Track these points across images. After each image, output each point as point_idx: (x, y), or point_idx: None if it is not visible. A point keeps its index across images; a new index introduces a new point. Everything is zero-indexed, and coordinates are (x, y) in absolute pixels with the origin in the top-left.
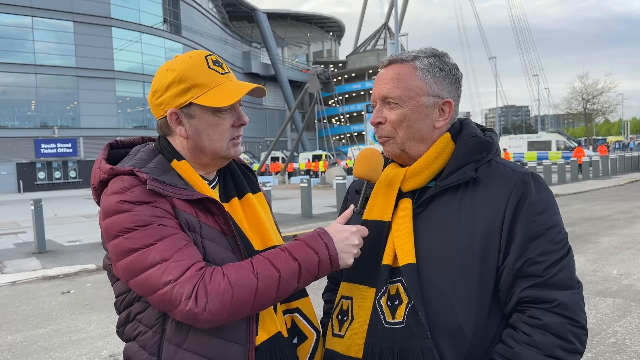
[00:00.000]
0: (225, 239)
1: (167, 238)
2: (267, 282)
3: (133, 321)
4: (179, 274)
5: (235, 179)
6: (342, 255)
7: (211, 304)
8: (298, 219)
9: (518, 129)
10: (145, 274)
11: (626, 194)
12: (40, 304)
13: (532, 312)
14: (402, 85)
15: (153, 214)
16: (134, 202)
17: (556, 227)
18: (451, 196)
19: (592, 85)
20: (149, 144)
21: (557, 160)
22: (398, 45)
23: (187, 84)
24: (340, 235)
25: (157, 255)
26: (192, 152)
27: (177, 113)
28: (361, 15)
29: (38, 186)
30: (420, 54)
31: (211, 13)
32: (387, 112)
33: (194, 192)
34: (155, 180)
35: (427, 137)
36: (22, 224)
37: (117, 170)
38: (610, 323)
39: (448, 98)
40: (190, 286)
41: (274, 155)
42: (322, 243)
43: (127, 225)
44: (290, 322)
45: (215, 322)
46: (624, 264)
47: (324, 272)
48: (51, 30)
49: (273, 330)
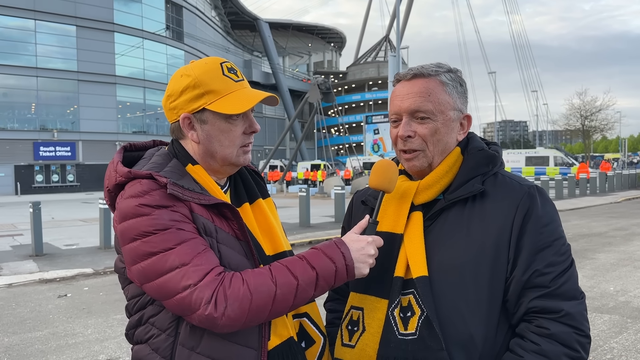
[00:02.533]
0: (239, 243)
1: (186, 242)
2: (285, 289)
3: (145, 324)
4: (199, 279)
5: (246, 184)
6: (358, 265)
7: (230, 309)
8: (296, 228)
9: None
10: (164, 277)
11: (623, 211)
12: (37, 307)
13: (540, 321)
14: (434, 99)
15: (172, 218)
16: (153, 205)
17: (561, 239)
18: (460, 209)
19: (591, 102)
20: (162, 148)
21: (555, 176)
22: (399, 58)
23: (202, 90)
24: (357, 245)
25: (177, 260)
26: (203, 157)
27: (189, 118)
28: (362, 27)
29: (35, 189)
30: (440, 69)
31: (213, 21)
32: (416, 125)
33: (210, 197)
34: (175, 185)
35: (448, 150)
36: (19, 227)
37: (135, 174)
38: (606, 339)
39: (467, 112)
40: (210, 291)
41: (273, 163)
42: (339, 252)
43: (145, 228)
44: (298, 326)
45: (233, 327)
46: (620, 281)
47: (340, 281)
48: (54, 34)
49: (285, 335)
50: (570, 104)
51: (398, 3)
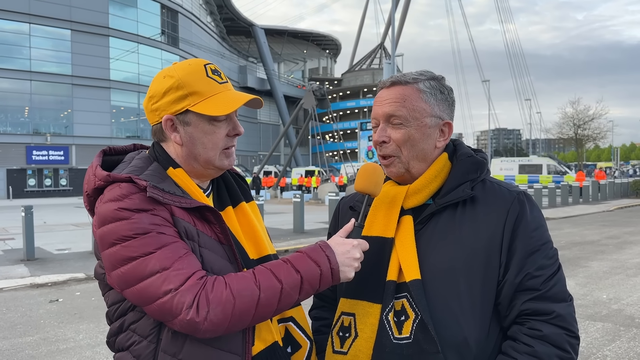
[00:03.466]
0: (221, 247)
1: (166, 246)
2: (269, 293)
3: (126, 331)
4: (180, 283)
5: (229, 188)
6: (343, 269)
7: (213, 314)
8: (290, 234)
9: (509, 152)
10: (144, 282)
11: (615, 219)
12: (28, 311)
13: (532, 323)
14: (408, 105)
15: (152, 222)
16: (132, 209)
17: (549, 243)
18: (450, 213)
19: (584, 111)
20: (142, 152)
21: (548, 184)
22: (394, 65)
23: (185, 91)
24: (342, 249)
25: (157, 264)
26: (186, 160)
27: (172, 120)
28: (357, 35)
29: (28, 193)
30: (421, 76)
31: (209, 27)
32: (391, 131)
33: (192, 200)
34: (155, 188)
35: (428, 156)
36: (10, 231)
37: (114, 177)
38: (599, 347)
39: (448, 119)
40: (192, 295)
41: (267, 169)
42: (324, 256)
43: (125, 233)
44: (284, 331)
45: (215, 332)
46: (613, 289)
47: (325, 285)
48: (48, 38)
49: (270, 340)
50: (564, 113)
51: (393, 11)
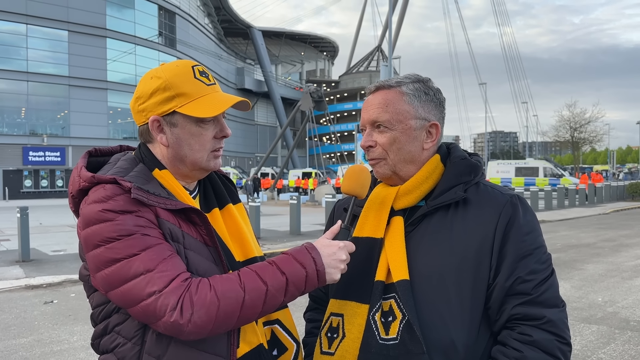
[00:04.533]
0: (207, 249)
1: (151, 248)
2: (254, 294)
3: (111, 333)
4: (164, 285)
5: (216, 190)
6: (329, 271)
7: (197, 316)
8: (286, 235)
9: (506, 154)
10: (128, 284)
11: (611, 222)
12: (23, 313)
13: (522, 328)
14: (391, 109)
15: (137, 223)
16: (117, 211)
17: (542, 248)
18: (442, 215)
19: (580, 114)
20: (128, 153)
21: (544, 187)
22: (391, 68)
23: (172, 92)
24: (328, 250)
25: (141, 266)
26: (172, 161)
27: (159, 121)
28: (355, 37)
29: (24, 194)
30: (405, 80)
31: (206, 28)
32: (377, 135)
33: (177, 202)
34: (140, 189)
35: (417, 158)
36: (5, 232)
37: (99, 179)
38: (594, 350)
39: (434, 120)
40: (176, 297)
41: (264, 171)
42: (310, 258)
43: (109, 234)
44: (270, 333)
45: (199, 334)
46: (608, 292)
47: (310, 287)
48: (45, 39)
49: (255, 343)
50: (560, 116)
51: (390, 14)
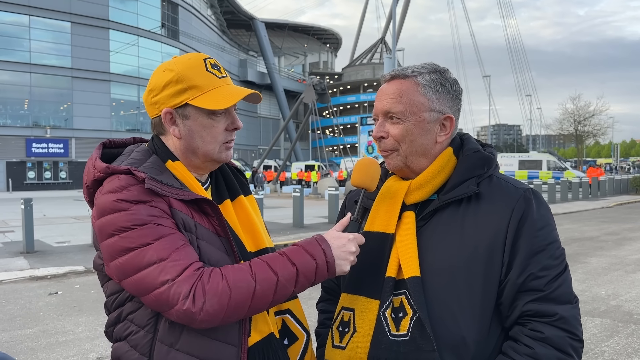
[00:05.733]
0: (219, 240)
1: (164, 238)
2: (265, 285)
3: (124, 321)
4: (177, 274)
5: (227, 181)
6: (339, 262)
7: (209, 304)
8: (289, 228)
9: (509, 147)
10: (142, 273)
11: (615, 215)
12: (27, 304)
13: (534, 325)
14: (405, 100)
15: (150, 213)
16: (131, 201)
17: (555, 243)
18: (454, 210)
19: (584, 108)
20: (142, 144)
21: (548, 180)
22: (395, 60)
23: (184, 85)
24: (338, 242)
25: (155, 255)
26: (184, 153)
27: (171, 113)
28: (358, 29)
29: (27, 185)
30: (422, 69)
31: (209, 20)
32: (389, 126)
33: (190, 193)
34: (153, 180)
35: (429, 151)
36: (10, 223)
37: (113, 169)
38: (598, 343)
39: (449, 113)
40: (188, 286)
41: (267, 163)
42: (320, 249)
43: (123, 224)
44: (280, 323)
45: (211, 323)
46: (612, 285)
47: (320, 278)
48: (48, 30)
49: (266, 332)
50: (564, 109)
51: (394, 5)
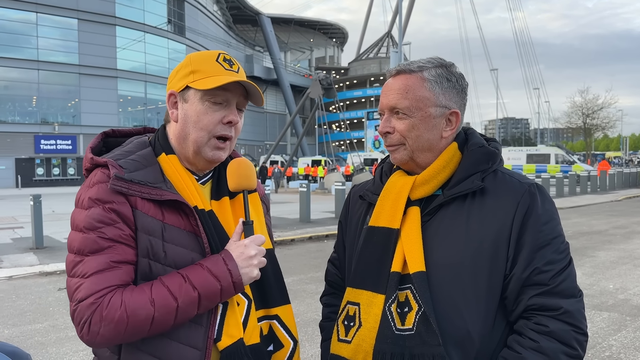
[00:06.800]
0: (196, 239)
1: (99, 254)
2: (164, 311)
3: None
4: (85, 297)
5: None
6: (244, 271)
7: (105, 330)
8: (296, 223)
9: (517, 141)
10: (70, 280)
11: (623, 209)
12: (37, 299)
13: (539, 319)
14: (411, 96)
15: (101, 219)
16: (93, 199)
17: (560, 237)
18: (459, 205)
19: (593, 101)
20: (145, 136)
21: (556, 174)
22: (401, 54)
23: (190, 68)
24: (236, 252)
25: (81, 268)
26: (179, 140)
27: (175, 95)
28: (364, 23)
29: (36, 182)
30: (428, 64)
31: (215, 15)
32: (395, 122)
33: (163, 192)
34: (120, 180)
35: (435, 146)
36: (19, 219)
37: (95, 161)
38: (605, 336)
39: (455, 108)
40: (89, 312)
41: (273, 159)
42: (225, 270)
43: (79, 222)
44: (267, 328)
45: (109, 345)
46: (620, 279)
47: (226, 297)
48: (55, 27)
49: (236, 336)
50: (572, 102)
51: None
